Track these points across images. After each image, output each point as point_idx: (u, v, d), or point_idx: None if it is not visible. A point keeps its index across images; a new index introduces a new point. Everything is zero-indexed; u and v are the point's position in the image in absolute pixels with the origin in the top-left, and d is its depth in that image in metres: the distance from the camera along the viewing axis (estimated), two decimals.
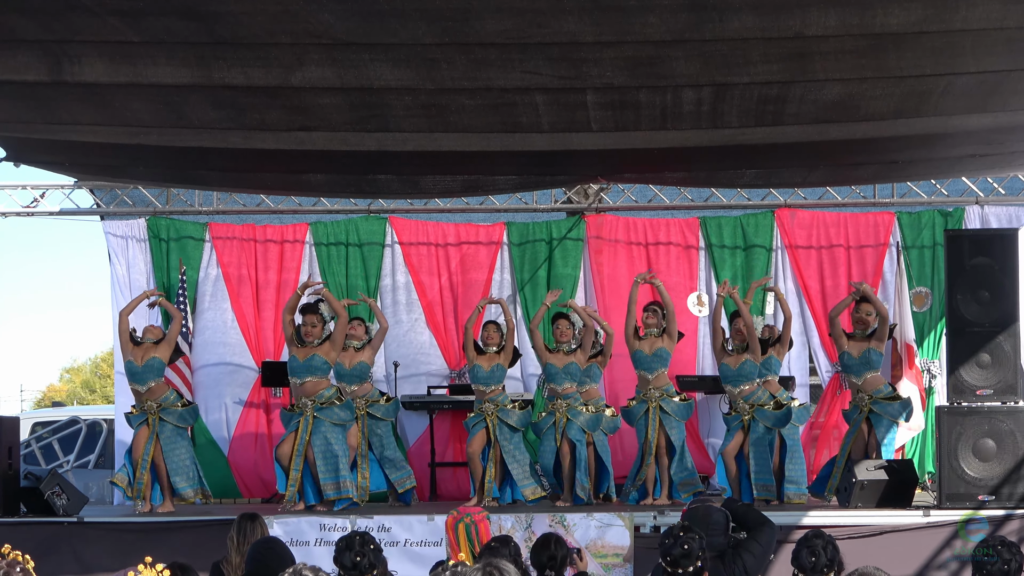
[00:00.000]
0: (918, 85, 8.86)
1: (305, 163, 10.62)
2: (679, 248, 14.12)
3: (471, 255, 14.23)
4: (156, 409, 11.93)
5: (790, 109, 9.13)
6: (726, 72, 8.70)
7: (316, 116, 9.47)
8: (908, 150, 10.56)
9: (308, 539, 10.94)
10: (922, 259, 13.84)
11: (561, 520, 10.76)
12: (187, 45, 8.58)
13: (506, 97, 9.10)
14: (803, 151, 10.40)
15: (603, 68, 8.61)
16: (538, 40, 8.29)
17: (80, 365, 58.99)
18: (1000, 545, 6.39)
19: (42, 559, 8.39)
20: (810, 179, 11.78)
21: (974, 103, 9.24)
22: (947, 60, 8.50)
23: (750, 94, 8.99)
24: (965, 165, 11.47)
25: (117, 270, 14.11)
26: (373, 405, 12.40)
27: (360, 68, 8.65)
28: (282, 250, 14.21)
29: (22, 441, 13.63)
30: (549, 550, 7.19)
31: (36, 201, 13.82)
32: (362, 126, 9.66)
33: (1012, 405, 11.26)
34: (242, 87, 8.93)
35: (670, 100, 9.12)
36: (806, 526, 10.37)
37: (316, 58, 8.63)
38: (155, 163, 10.97)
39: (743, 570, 6.59)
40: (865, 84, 8.88)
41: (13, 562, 4.51)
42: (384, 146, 9.99)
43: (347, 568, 5.73)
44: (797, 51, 8.38)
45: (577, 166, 11.05)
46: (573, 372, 12.12)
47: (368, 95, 9.09)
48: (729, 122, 9.43)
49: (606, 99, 9.14)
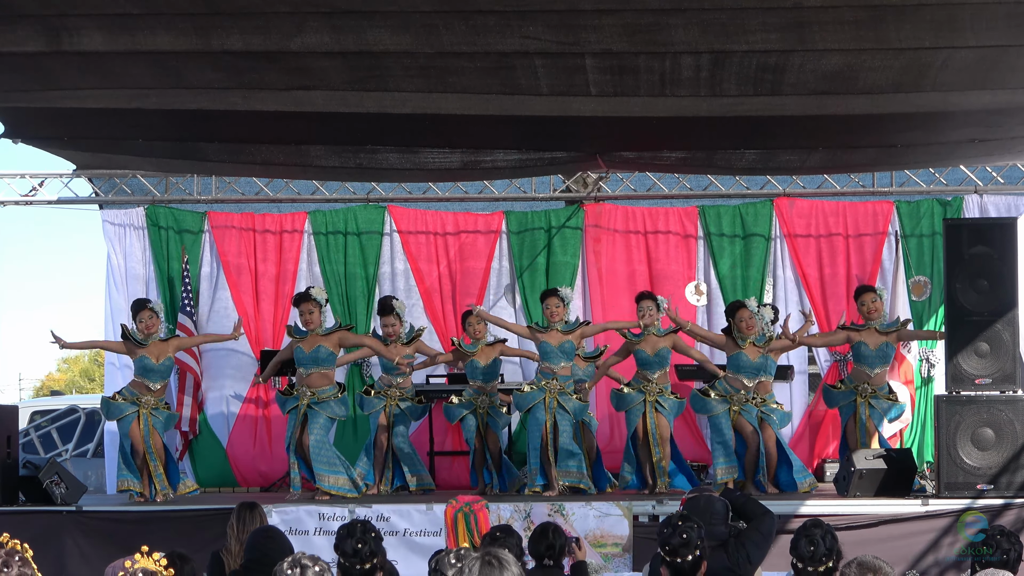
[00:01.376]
0: (917, 58, 8.87)
1: (305, 129, 10.58)
2: (678, 237, 14.11)
3: (470, 244, 14.22)
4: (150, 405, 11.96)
5: (788, 79, 9.15)
6: (724, 40, 8.73)
7: (315, 76, 9.48)
8: (907, 132, 10.55)
9: (307, 528, 10.94)
10: (921, 248, 13.84)
11: (560, 509, 10.76)
12: (186, 16, 8.60)
13: (505, 61, 9.12)
14: (801, 128, 10.40)
15: (602, 34, 8.63)
16: (537, 8, 8.33)
17: (79, 354, 59.01)
18: (999, 535, 6.39)
19: (41, 548, 8.38)
20: (808, 163, 11.73)
21: (973, 79, 9.24)
22: (946, 33, 8.51)
23: (748, 62, 9.01)
24: (965, 151, 11.45)
25: (113, 260, 14.10)
26: (404, 400, 12.24)
27: (359, 33, 8.68)
28: (281, 239, 14.21)
29: (21, 430, 13.62)
30: (547, 539, 7.20)
31: (35, 190, 13.82)
32: (361, 86, 9.66)
33: (1011, 394, 11.26)
34: (241, 52, 8.96)
35: (668, 66, 9.14)
36: (804, 515, 10.37)
37: (315, 25, 8.66)
38: (155, 133, 10.94)
39: (747, 559, 6.60)
40: (864, 55, 8.89)
41: (12, 551, 4.50)
42: (383, 107, 9.97)
43: (348, 555, 5.72)
44: (795, 21, 8.40)
45: (576, 139, 11.02)
46: (568, 351, 11.75)
47: (367, 58, 9.11)
48: (727, 90, 9.44)
49: (605, 63, 9.16)
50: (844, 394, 12.18)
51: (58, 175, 13.84)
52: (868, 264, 13.74)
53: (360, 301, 13.98)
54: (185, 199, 14.04)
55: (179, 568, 6.07)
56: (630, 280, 13.96)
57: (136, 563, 4.81)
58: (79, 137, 11.51)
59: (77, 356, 57.41)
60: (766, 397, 12.01)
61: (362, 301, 13.95)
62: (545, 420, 11.60)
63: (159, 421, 11.93)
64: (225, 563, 7.61)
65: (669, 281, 13.76)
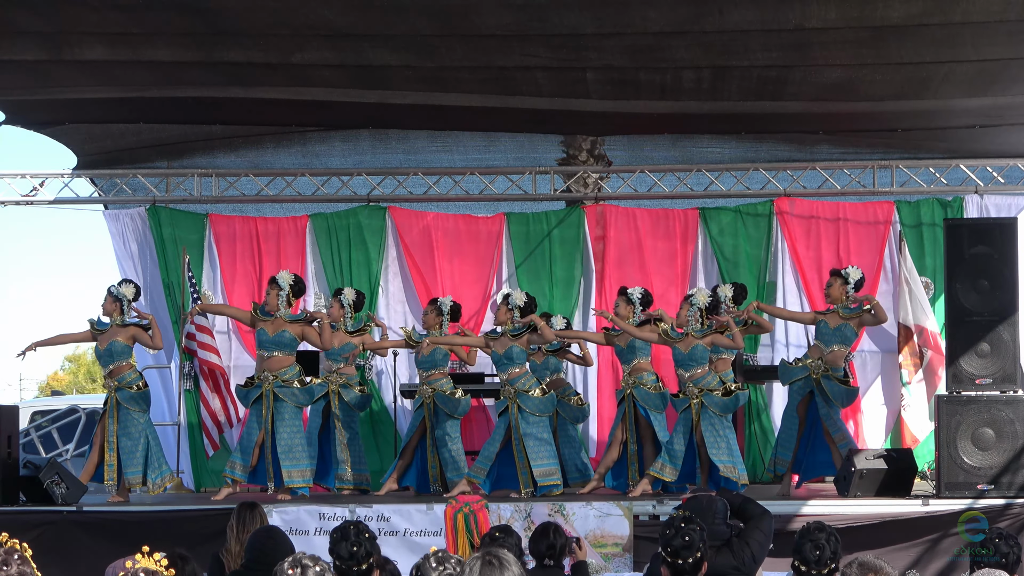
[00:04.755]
0: (918, 72, 8.89)
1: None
2: (678, 238, 14.09)
3: (471, 245, 14.21)
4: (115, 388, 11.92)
5: (790, 89, 9.18)
6: (726, 57, 8.74)
7: (316, 80, 9.51)
8: (908, 120, 10.58)
9: (308, 528, 10.94)
10: (922, 249, 13.83)
11: (560, 509, 10.76)
12: (187, 35, 8.63)
13: (506, 73, 9.16)
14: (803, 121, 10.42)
15: (603, 53, 8.67)
16: (539, 32, 8.34)
17: (82, 354, 58.94)
18: (998, 538, 6.38)
19: (41, 548, 8.38)
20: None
21: (974, 89, 9.27)
22: (947, 50, 8.53)
23: (750, 74, 9.04)
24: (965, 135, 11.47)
25: (124, 262, 14.14)
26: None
27: (360, 52, 8.71)
28: (283, 242, 14.21)
29: (21, 430, 13.61)
30: (548, 539, 7.20)
31: (35, 190, 13.80)
32: (362, 86, 9.71)
33: (1011, 394, 11.26)
34: (243, 63, 8.99)
35: (670, 79, 9.18)
36: (805, 515, 10.38)
37: (316, 44, 8.69)
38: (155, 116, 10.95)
39: (752, 558, 6.60)
40: (865, 69, 8.92)
41: (11, 550, 4.50)
42: (384, 99, 10.02)
43: (343, 558, 5.72)
44: (797, 41, 8.42)
45: (575, 125, 11.04)
46: (515, 356, 11.63)
47: (368, 71, 9.15)
48: (729, 96, 9.47)
49: (606, 76, 9.19)
50: (797, 370, 11.88)
51: (58, 175, 13.83)
52: (869, 264, 13.72)
53: (364, 301, 13.92)
54: (186, 199, 14.03)
55: (180, 568, 6.06)
56: (632, 281, 13.95)
57: (137, 563, 4.80)
58: (80, 121, 11.52)
59: (82, 355, 57.38)
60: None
61: (366, 302, 13.89)
62: (509, 424, 11.59)
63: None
64: (225, 563, 7.61)
65: (665, 281, 13.79)
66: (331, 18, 8.19)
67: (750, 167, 13.54)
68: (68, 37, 8.70)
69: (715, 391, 11.43)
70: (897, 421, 13.59)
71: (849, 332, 11.86)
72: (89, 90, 10.08)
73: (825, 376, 11.70)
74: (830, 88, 9.18)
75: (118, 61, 9.12)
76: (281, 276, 11.96)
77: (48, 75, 9.55)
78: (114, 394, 11.90)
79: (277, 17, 8.30)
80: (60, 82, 9.81)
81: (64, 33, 8.60)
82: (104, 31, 8.52)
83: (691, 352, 11.45)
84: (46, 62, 9.15)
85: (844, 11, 8.05)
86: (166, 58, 8.94)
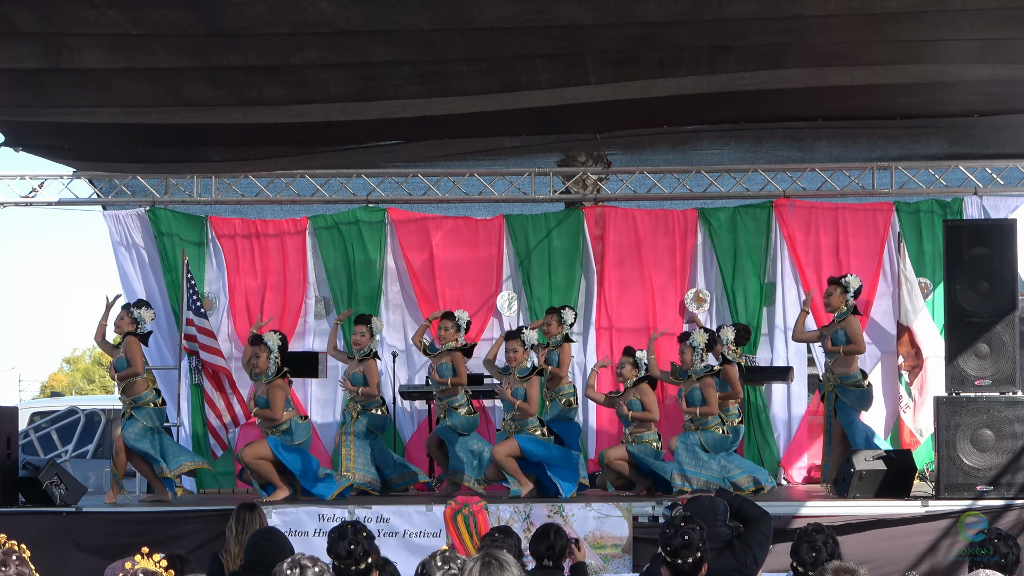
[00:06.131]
0: (918, 45, 8.93)
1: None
2: (677, 239, 14.09)
3: (470, 246, 14.20)
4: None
5: (788, 60, 9.21)
6: (725, 39, 8.77)
7: (315, 89, 9.51)
8: (906, 99, 10.57)
9: (307, 529, 10.95)
10: (921, 250, 13.83)
11: (560, 510, 10.77)
12: (186, 36, 8.62)
13: (505, 63, 9.16)
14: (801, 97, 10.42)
15: (603, 41, 8.69)
16: (538, 24, 8.35)
17: (80, 355, 58.96)
18: (996, 539, 6.39)
19: (40, 549, 8.38)
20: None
21: (973, 56, 9.31)
22: (946, 32, 8.55)
23: (749, 51, 9.06)
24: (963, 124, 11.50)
25: (125, 265, 14.13)
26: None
27: (358, 49, 8.71)
28: (283, 244, 14.19)
29: (20, 431, 13.62)
30: (548, 540, 7.20)
31: (35, 191, 13.78)
32: (361, 96, 9.72)
33: (1010, 395, 11.27)
34: (241, 67, 8.98)
35: (669, 57, 9.20)
36: (804, 516, 10.38)
37: (315, 43, 8.69)
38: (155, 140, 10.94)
39: (754, 560, 6.60)
40: (863, 44, 8.96)
41: (9, 551, 4.50)
42: (384, 113, 10.01)
43: (341, 558, 5.71)
44: (796, 27, 8.45)
45: (574, 122, 11.05)
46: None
47: (366, 68, 9.15)
48: (727, 68, 9.49)
49: (605, 59, 9.21)
50: (819, 385, 12.46)
51: (58, 176, 13.81)
52: (868, 266, 13.71)
53: (365, 304, 13.92)
54: (186, 200, 14.01)
55: (179, 570, 6.07)
56: (632, 283, 13.97)
57: (136, 564, 4.80)
58: (80, 146, 11.54)
59: (79, 357, 57.46)
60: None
61: (367, 305, 13.90)
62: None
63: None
64: (225, 564, 7.61)
65: (666, 281, 13.82)
66: (331, 12, 8.19)
67: (749, 168, 13.52)
68: (67, 39, 8.69)
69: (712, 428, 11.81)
70: (897, 422, 13.58)
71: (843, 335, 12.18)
72: (88, 112, 10.08)
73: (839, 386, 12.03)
74: (828, 56, 9.21)
75: (117, 70, 9.10)
76: (265, 338, 12.03)
77: (47, 89, 9.53)
78: (130, 410, 11.92)
79: (276, 14, 8.29)
80: (59, 100, 9.80)
81: (63, 34, 8.60)
82: (103, 31, 8.51)
83: (691, 392, 11.85)
84: (45, 72, 9.13)
85: (843, 0, 8.10)
86: (165, 64, 8.92)
